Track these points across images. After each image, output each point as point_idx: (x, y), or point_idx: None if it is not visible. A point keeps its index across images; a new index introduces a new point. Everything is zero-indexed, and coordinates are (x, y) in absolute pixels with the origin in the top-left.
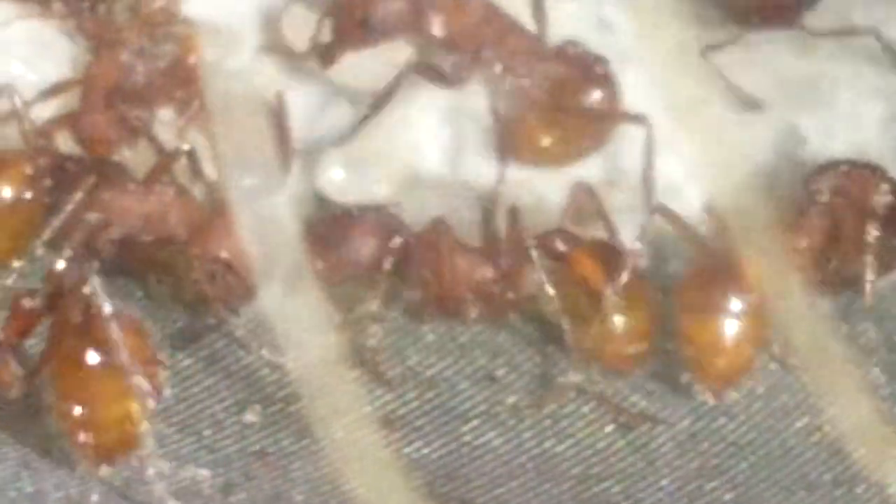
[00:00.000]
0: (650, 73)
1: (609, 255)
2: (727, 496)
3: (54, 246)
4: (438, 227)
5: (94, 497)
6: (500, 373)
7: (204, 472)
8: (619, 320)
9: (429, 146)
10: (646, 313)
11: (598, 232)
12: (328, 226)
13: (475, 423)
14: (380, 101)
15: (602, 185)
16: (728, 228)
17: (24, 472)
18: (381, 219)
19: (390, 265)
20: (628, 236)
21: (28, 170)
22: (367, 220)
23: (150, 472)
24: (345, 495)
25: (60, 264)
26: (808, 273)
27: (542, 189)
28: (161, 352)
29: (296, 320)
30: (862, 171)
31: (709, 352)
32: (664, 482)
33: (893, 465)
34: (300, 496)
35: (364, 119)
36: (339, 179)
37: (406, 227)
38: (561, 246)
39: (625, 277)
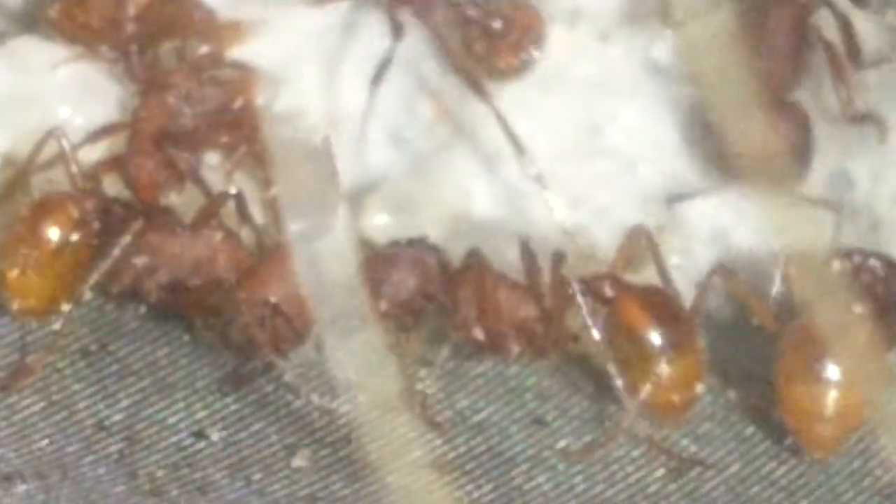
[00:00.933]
0: None
1: (659, 301)
2: None
3: (102, 290)
4: (476, 258)
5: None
6: (549, 417)
7: None
8: (666, 369)
9: (476, 189)
10: (694, 360)
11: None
12: (372, 264)
13: (524, 467)
14: (378, 76)
15: (657, 230)
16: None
17: None
18: (422, 252)
19: (433, 299)
20: (681, 281)
21: (75, 213)
22: (407, 255)
23: None
24: None
25: None
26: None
27: (596, 235)
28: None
29: (346, 365)
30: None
31: (815, 421)
32: None
33: None
34: None
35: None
36: (382, 223)
37: (448, 261)
38: (608, 291)
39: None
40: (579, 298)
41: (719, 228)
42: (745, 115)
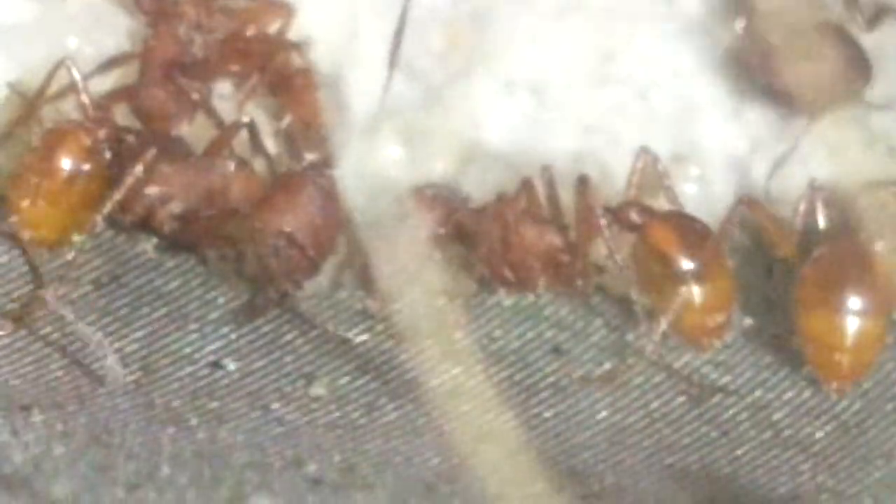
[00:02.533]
0: None
1: (688, 226)
2: (804, 466)
3: (114, 221)
4: (510, 195)
5: (165, 469)
6: (567, 345)
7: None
8: (699, 291)
9: (487, 120)
10: (726, 283)
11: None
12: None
13: (544, 395)
14: (399, 29)
15: (673, 158)
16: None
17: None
18: (442, 193)
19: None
20: (698, 210)
21: (87, 142)
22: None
23: None
24: (416, 467)
25: None
26: None
27: (607, 160)
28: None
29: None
30: None
31: (833, 351)
32: (739, 452)
33: None
34: (370, 468)
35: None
36: (396, 156)
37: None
38: (636, 217)
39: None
40: (604, 224)
41: (736, 157)
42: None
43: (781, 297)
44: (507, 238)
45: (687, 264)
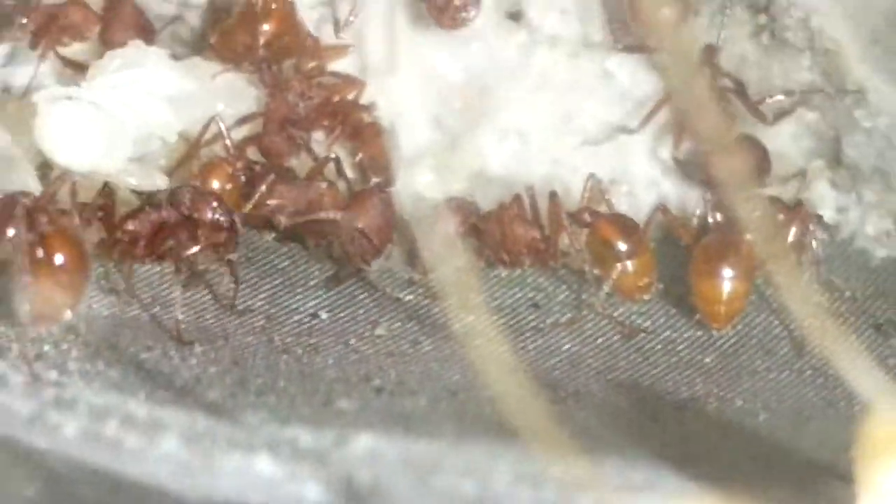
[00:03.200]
0: None
1: (622, 222)
2: (697, 380)
3: (249, 223)
4: (506, 204)
5: (281, 383)
6: (542, 302)
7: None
8: (630, 264)
9: (489, 155)
10: (648, 259)
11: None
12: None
13: (528, 334)
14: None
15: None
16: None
17: (234, 368)
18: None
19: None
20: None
21: (229, 171)
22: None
23: None
24: (444, 381)
25: None
26: None
27: (568, 182)
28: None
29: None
30: None
31: (714, 303)
32: (655, 371)
33: None
34: (414, 382)
35: None
36: (429, 180)
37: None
38: (588, 218)
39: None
40: (566, 222)
41: (654, 180)
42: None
43: (683, 270)
44: (504, 233)
45: (622, 247)
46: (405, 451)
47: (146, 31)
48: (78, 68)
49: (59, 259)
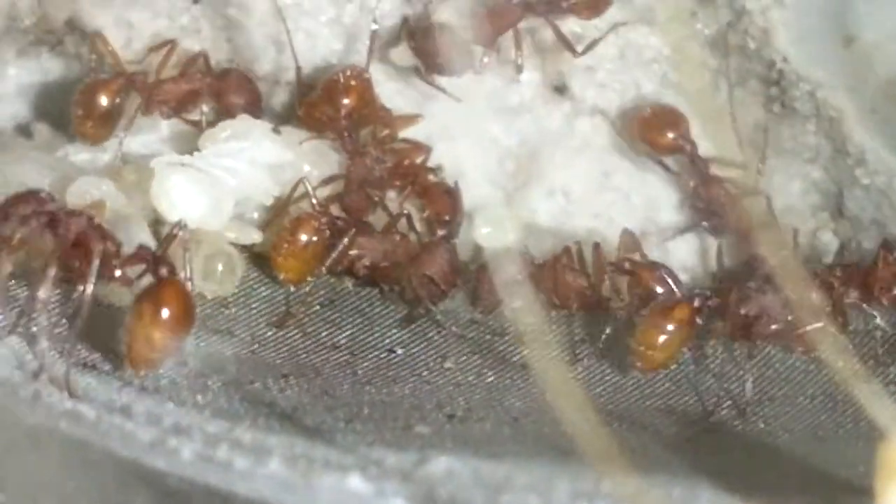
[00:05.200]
0: None
1: (656, 270)
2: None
3: (332, 271)
4: (558, 256)
5: (365, 410)
6: (587, 338)
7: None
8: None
9: (539, 210)
10: None
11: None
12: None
13: (577, 366)
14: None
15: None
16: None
17: (324, 397)
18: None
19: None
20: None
21: (315, 225)
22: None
23: None
24: (506, 408)
25: None
26: None
27: (606, 234)
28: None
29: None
30: None
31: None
32: (689, 397)
33: None
34: (481, 409)
35: None
36: (486, 232)
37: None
38: (628, 267)
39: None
40: (610, 272)
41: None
42: None
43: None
44: (556, 280)
45: (659, 290)
46: (477, 471)
47: (254, 102)
48: (195, 125)
49: (165, 312)
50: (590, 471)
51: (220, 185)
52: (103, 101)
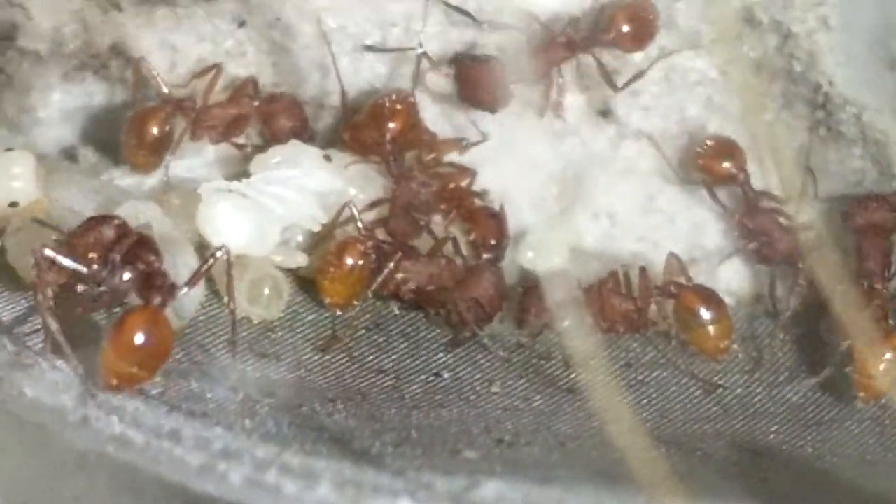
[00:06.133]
0: None
1: (702, 292)
2: (772, 431)
3: (378, 295)
4: (604, 279)
5: (413, 434)
6: (632, 361)
7: None
8: (712, 328)
9: (584, 233)
10: (727, 323)
11: None
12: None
13: (625, 391)
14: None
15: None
16: None
17: (370, 421)
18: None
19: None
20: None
21: (361, 249)
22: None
23: None
24: (553, 432)
25: None
26: None
27: (651, 258)
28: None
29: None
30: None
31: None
32: (736, 421)
33: None
34: (528, 433)
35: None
36: (531, 256)
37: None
38: (674, 290)
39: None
40: (655, 296)
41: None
42: None
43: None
44: (603, 304)
45: (705, 314)
46: (527, 496)
47: (303, 127)
48: (242, 150)
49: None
50: (639, 495)
51: (266, 212)
52: (154, 129)
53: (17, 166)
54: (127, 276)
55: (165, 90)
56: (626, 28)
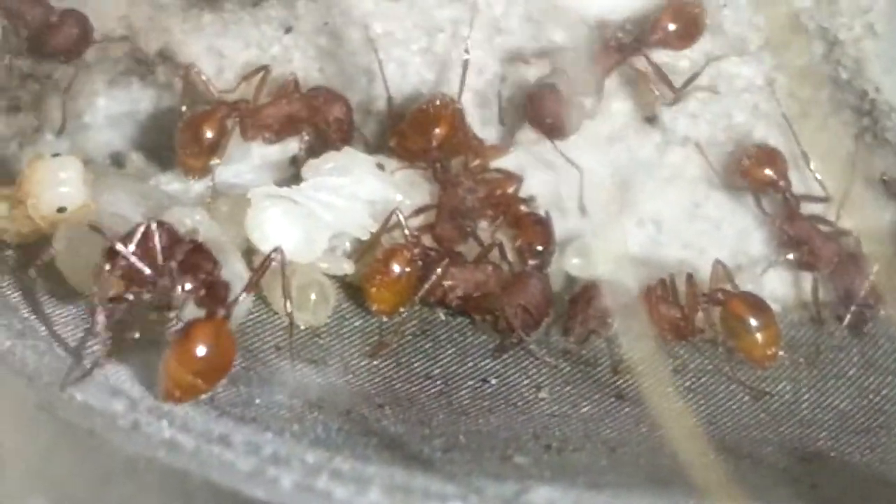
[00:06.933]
0: None
1: (750, 299)
2: (820, 438)
3: (425, 301)
4: (652, 287)
5: (462, 439)
6: (679, 368)
7: None
8: (759, 335)
9: (630, 240)
10: (775, 330)
11: None
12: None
13: (674, 395)
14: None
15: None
16: None
17: (419, 426)
18: (609, 286)
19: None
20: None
21: (408, 256)
22: (601, 287)
23: None
24: (602, 438)
25: None
26: None
27: (697, 265)
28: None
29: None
30: None
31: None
32: (784, 428)
33: None
34: (577, 440)
35: None
36: (577, 263)
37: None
38: (721, 297)
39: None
40: (703, 303)
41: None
42: None
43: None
44: (650, 311)
45: (752, 321)
46: (577, 501)
47: (347, 114)
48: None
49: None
50: (689, 500)
51: (315, 219)
52: (209, 132)
53: (65, 171)
54: (188, 285)
55: (216, 96)
56: (672, 27)
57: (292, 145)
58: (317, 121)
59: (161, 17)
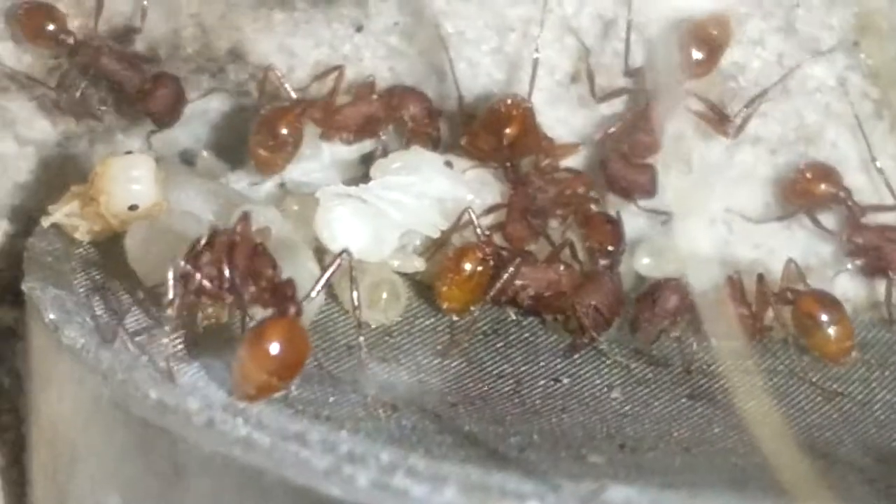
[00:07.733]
0: None
1: (821, 296)
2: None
3: (496, 301)
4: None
5: (535, 437)
6: (750, 368)
7: None
8: (832, 331)
9: (701, 240)
10: (847, 325)
11: None
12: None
13: (745, 395)
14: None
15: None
16: None
17: (493, 425)
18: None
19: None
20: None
21: (479, 255)
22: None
23: None
24: (674, 437)
25: None
26: None
27: (768, 264)
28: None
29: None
30: None
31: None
32: (858, 428)
33: None
34: (650, 438)
35: None
36: (647, 262)
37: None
38: (791, 296)
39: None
40: (773, 302)
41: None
42: None
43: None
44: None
45: (824, 318)
46: (655, 501)
47: (430, 107)
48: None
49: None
50: (766, 501)
51: (384, 218)
52: (285, 129)
53: (137, 169)
54: (252, 288)
55: (294, 96)
56: (696, 55)
57: (363, 144)
58: (396, 119)
59: (232, 15)
